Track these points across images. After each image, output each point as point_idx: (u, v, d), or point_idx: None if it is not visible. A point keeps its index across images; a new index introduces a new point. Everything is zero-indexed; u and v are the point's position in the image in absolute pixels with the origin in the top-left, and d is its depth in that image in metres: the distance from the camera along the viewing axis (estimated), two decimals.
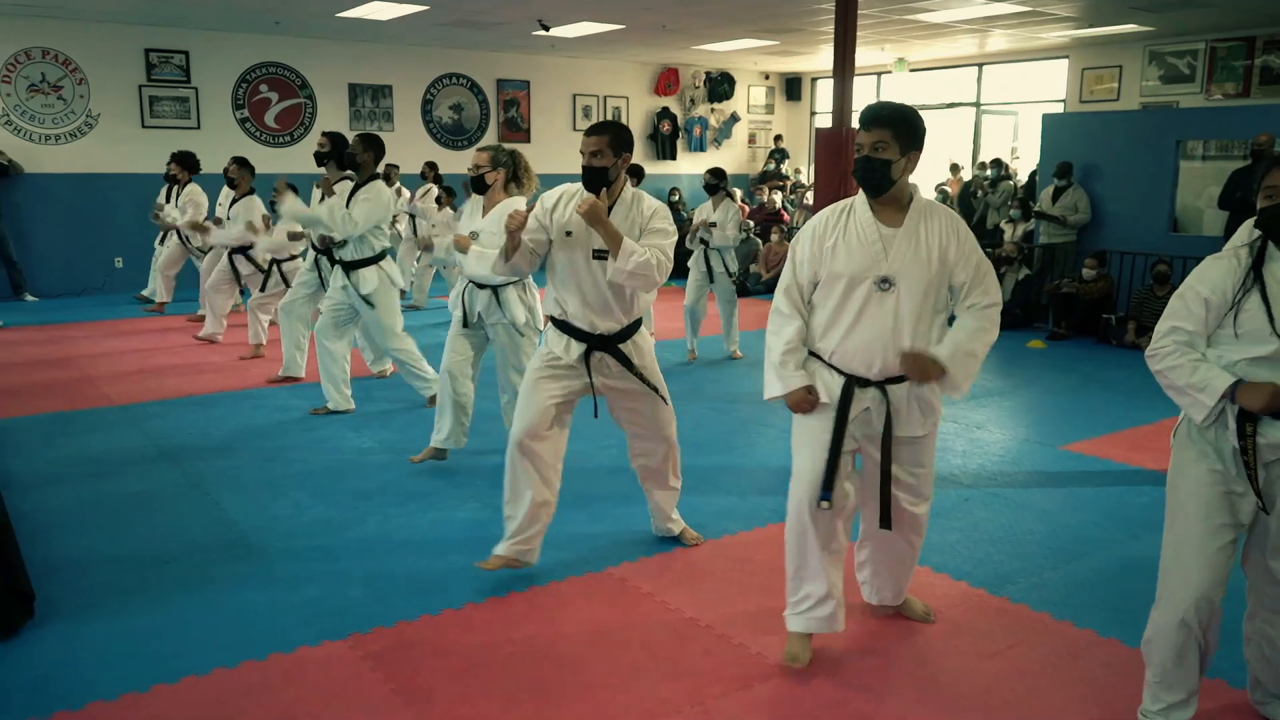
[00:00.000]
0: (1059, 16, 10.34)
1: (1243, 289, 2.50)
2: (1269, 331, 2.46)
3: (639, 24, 11.14)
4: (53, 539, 4.16)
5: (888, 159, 2.84)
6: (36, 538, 4.12)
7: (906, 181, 2.93)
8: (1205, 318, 2.54)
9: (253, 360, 7.80)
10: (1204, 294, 2.53)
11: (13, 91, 10.80)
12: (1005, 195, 11.70)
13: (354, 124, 12.85)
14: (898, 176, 2.88)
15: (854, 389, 2.99)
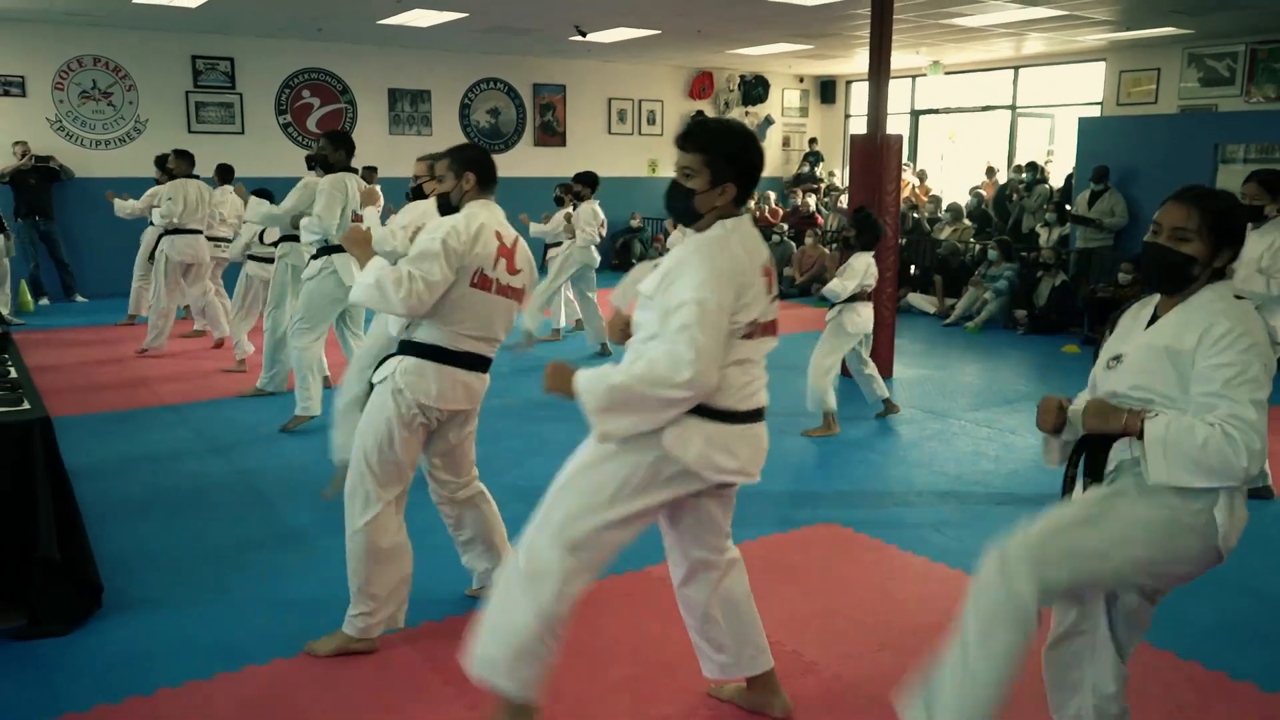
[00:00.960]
0: (1096, 20, 10.32)
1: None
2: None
3: (674, 29, 11.25)
4: (115, 532, 4.35)
5: (692, 189, 2.47)
6: (99, 531, 4.30)
7: (724, 214, 2.51)
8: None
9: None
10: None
11: (65, 98, 11.11)
12: (1040, 199, 11.68)
13: (393, 128, 13.07)
14: (704, 209, 2.49)
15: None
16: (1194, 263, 2.24)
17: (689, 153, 2.48)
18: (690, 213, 2.51)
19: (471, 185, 3.29)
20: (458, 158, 3.32)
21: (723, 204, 2.49)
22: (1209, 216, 2.24)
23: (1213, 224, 2.23)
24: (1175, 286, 2.27)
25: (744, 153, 2.51)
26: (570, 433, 5.94)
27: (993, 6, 9.47)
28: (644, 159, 15.28)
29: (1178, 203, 2.28)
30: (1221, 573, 4.02)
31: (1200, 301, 2.25)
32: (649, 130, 15.25)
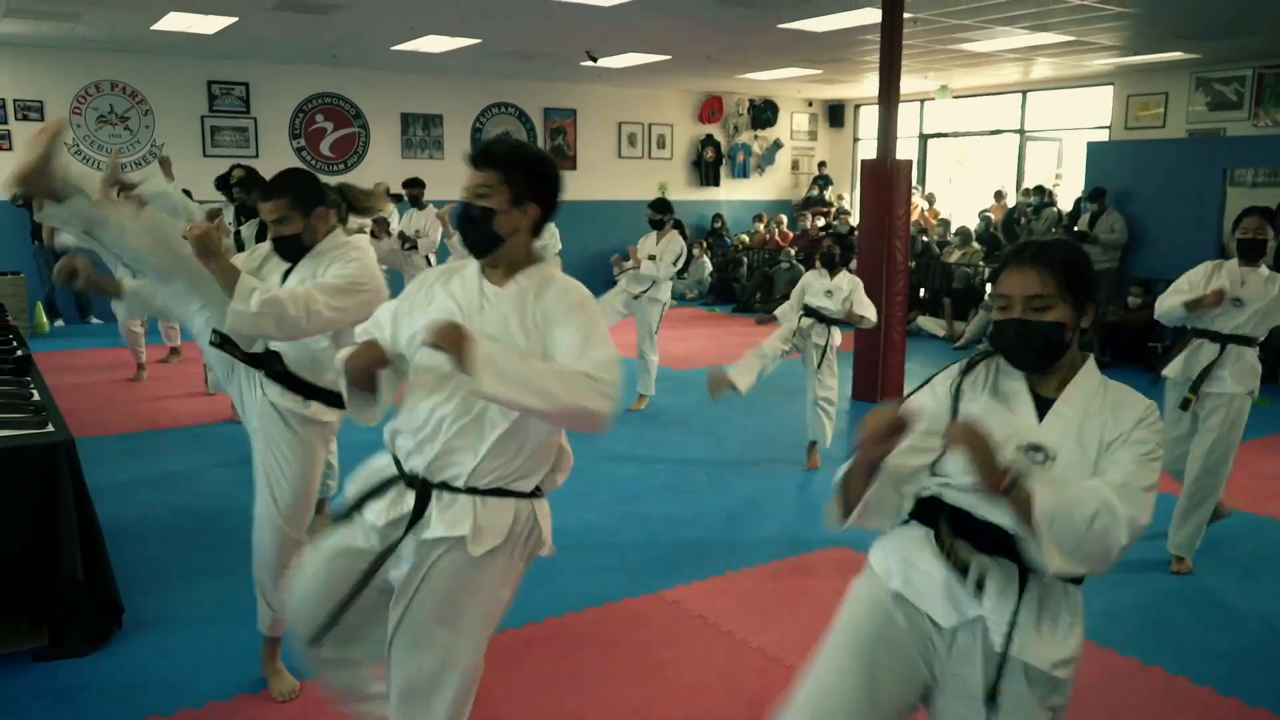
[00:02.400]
0: (1103, 45, 10.39)
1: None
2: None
3: (685, 55, 11.36)
4: (134, 552, 4.39)
5: (490, 208, 2.26)
6: (119, 552, 4.33)
7: (527, 241, 2.34)
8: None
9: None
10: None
11: (83, 122, 11.25)
12: (1049, 222, 11.72)
13: (405, 152, 13.19)
14: (506, 232, 2.28)
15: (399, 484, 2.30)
16: (1063, 329, 1.92)
17: (484, 170, 2.26)
18: (490, 236, 2.27)
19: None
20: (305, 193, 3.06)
21: (525, 226, 2.29)
22: (1062, 274, 1.92)
23: (1069, 281, 1.92)
24: (1049, 362, 1.95)
25: (545, 170, 2.33)
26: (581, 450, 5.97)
27: (1001, 32, 9.55)
28: (654, 182, 15.37)
29: (1022, 268, 1.94)
30: (1235, 599, 4.06)
31: (1092, 380, 1.98)
32: (659, 154, 15.35)
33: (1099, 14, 8.57)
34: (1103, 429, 1.91)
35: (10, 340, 5.13)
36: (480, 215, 2.26)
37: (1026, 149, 14.30)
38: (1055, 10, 8.41)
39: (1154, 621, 3.83)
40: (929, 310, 11.29)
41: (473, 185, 2.27)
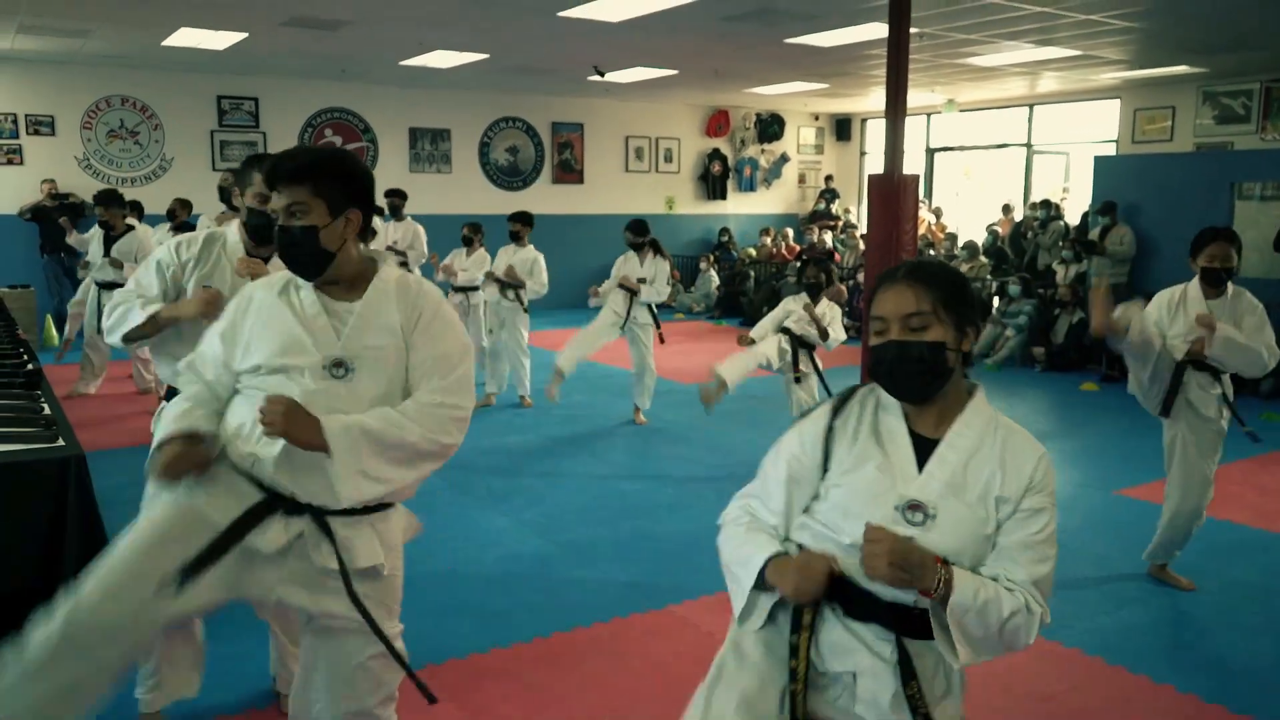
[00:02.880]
0: (1110, 59, 10.40)
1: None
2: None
3: (692, 69, 11.40)
4: None
5: (311, 225, 2.11)
6: None
7: (358, 248, 2.22)
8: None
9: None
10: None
11: (93, 137, 11.33)
12: (1055, 236, 11.72)
13: (413, 166, 13.25)
14: (334, 245, 2.14)
15: (277, 509, 2.15)
16: (943, 350, 1.75)
17: (290, 187, 2.12)
18: (320, 255, 2.13)
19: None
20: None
21: (351, 234, 2.18)
22: (939, 293, 1.78)
23: (946, 300, 1.77)
24: (931, 388, 1.78)
25: (353, 171, 2.21)
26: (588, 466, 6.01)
27: (1007, 47, 9.57)
28: (661, 196, 15.41)
29: (896, 287, 1.79)
30: (1245, 615, 4.03)
31: (980, 418, 1.82)
32: (666, 168, 15.39)
33: (1105, 28, 8.58)
34: (989, 479, 1.75)
35: (20, 354, 5.14)
36: (302, 235, 2.11)
37: (1033, 163, 14.30)
38: (1061, 25, 8.43)
39: (1163, 638, 3.81)
40: None
41: (283, 206, 2.12)
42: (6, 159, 10.97)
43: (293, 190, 2.12)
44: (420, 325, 2.19)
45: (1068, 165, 14.37)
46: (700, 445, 6.67)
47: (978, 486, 1.76)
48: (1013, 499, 1.76)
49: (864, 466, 1.79)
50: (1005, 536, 1.76)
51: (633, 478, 5.87)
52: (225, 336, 2.22)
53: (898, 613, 1.74)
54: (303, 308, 2.18)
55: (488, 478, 5.82)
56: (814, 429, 1.87)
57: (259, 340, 2.16)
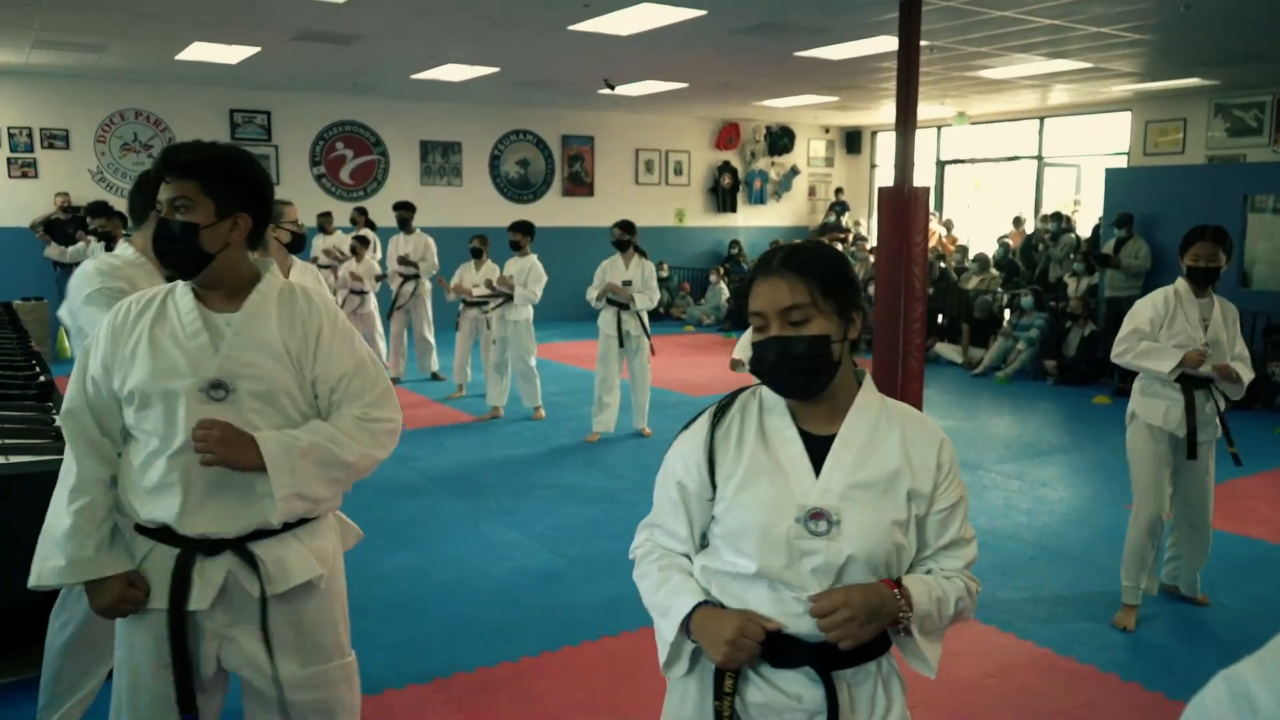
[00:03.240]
0: (1121, 72, 10.39)
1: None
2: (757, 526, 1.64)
3: (702, 83, 11.43)
4: None
5: (192, 222, 1.98)
6: None
7: (243, 255, 2.08)
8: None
9: None
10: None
11: (107, 150, 11.41)
12: (1067, 248, 11.68)
13: (424, 179, 13.30)
14: (214, 248, 2.01)
15: (195, 559, 2.00)
16: (828, 343, 1.63)
17: (180, 180, 1.99)
18: (195, 254, 2.00)
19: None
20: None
21: (237, 240, 2.03)
22: (817, 281, 1.64)
23: (825, 287, 1.64)
24: (820, 384, 1.65)
25: (251, 175, 2.07)
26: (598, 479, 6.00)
27: (1018, 59, 9.56)
28: (671, 209, 15.43)
29: (770, 279, 1.65)
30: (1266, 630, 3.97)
31: (871, 407, 1.70)
32: (676, 180, 15.41)
33: (1116, 41, 8.57)
34: (895, 473, 1.64)
35: (33, 365, 5.17)
36: (181, 231, 1.98)
37: (1044, 175, 14.27)
38: (1072, 37, 8.42)
39: (1178, 655, 3.77)
40: (947, 337, 11.24)
41: (168, 198, 2.00)
42: (21, 172, 11.05)
43: (181, 184, 1.99)
44: (321, 346, 2.07)
45: (1079, 177, 14.34)
46: None
47: (881, 481, 1.64)
48: (925, 493, 1.66)
49: (756, 482, 1.65)
50: (931, 537, 1.68)
51: (642, 490, 5.82)
52: (106, 364, 2.02)
53: (825, 652, 1.61)
54: (179, 320, 2.03)
55: (497, 491, 5.82)
56: (694, 444, 1.72)
57: (133, 362, 1.99)
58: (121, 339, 2.01)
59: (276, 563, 2.04)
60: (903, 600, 1.59)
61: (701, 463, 1.69)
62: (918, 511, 1.66)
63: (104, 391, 2.02)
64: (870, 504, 1.62)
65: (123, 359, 2.00)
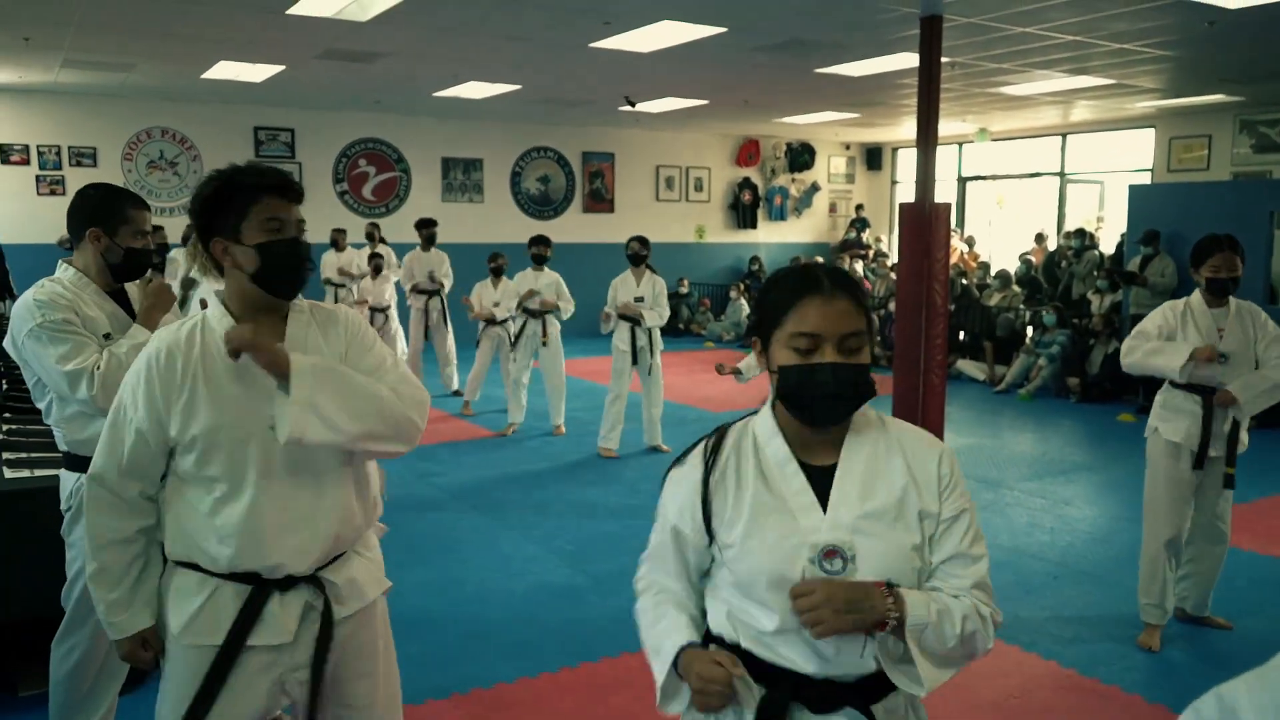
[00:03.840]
0: (1144, 88, 10.33)
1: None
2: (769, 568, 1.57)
3: (722, 100, 11.46)
4: None
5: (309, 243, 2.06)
6: None
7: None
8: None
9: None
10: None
11: (134, 168, 11.55)
12: (1090, 265, 11.60)
13: (446, 196, 13.39)
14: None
15: (271, 594, 2.00)
16: (869, 371, 1.61)
17: (296, 204, 2.06)
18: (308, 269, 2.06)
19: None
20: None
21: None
22: (864, 306, 1.62)
23: (868, 313, 1.63)
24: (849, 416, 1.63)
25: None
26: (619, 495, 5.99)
27: (1040, 75, 9.52)
28: (691, 225, 15.45)
29: (831, 299, 1.57)
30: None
31: (870, 428, 1.65)
32: (696, 197, 15.44)
33: (1139, 57, 8.53)
34: (903, 495, 1.59)
35: None
36: (307, 253, 2.02)
37: (1067, 191, 14.20)
38: (1094, 54, 8.38)
39: (1204, 676, 3.70)
40: (969, 354, 11.17)
41: (297, 220, 2.00)
42: (50, 190, 11.20)
43: (296, 207, 2.03)
44: (360, 351, 2.10)
45: (1102, 194, 14.25)
46: None
47: (891, 507, 1.58)
48: (934, 512, 1.60)
49: (764, 525, 1.57)
50: (936, 553, 1.61)
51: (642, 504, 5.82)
52: (157, 416, 1.93)
53: (865, 688, 1.57)
54: (235, 365, 1.95)
55: (517, 506, 5.82)
56: (688, 489, 1.64)
57: (194, 410, 1.93)
58: (173, 387, 1.93)
59: (349, 584, 2.08)
60: (891, 600, 1.51)
61: (696, 509, 1.62)
62: (930, 532, 1.61)
63: (152, 444, 1.94)
64: (883, 533, 1.57)
65: (180, 407, 1.92)
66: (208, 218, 1.97)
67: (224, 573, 1.97)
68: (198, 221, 1.99)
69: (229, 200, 1.96)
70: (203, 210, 1.98)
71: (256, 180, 1.97)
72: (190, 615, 1.98)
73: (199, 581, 1.99)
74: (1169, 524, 3.98)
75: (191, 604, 1.98)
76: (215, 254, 1.98)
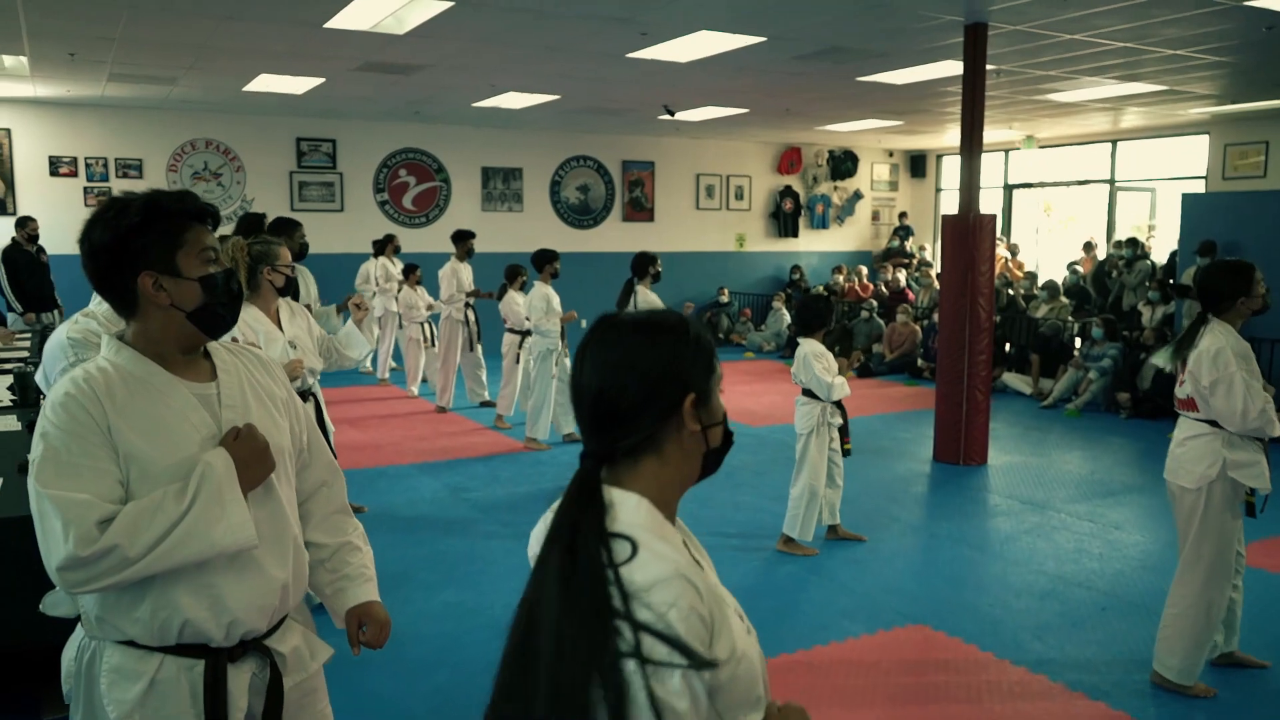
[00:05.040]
0: (1198, 94, 10.04)
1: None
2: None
3: (763, 108, 11.33)
4: None
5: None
6: None
7: None
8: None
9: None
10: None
11: (179, 179, 11.68)
12: (1142, 275, 11.30)
13: (485, 205, 13.39)
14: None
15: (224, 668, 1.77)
16: None
17: (212, 230, 1.90)
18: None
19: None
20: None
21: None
22: None
23: None
24: None
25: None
26: None
27: (1089, 83, 9.28)
28: (731, 234, 15.33)
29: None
30: None
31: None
32: (737, 205, 15.31)
33: (1194, 64, 8.27)
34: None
35: None
36: (239, 287, 1.88)
37: (1117, 199, 13.86)
38: (1146, 60, 8.14)
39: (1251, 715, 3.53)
40: (1015, 366, 10.92)
41: (216, 248, 1.83)
42: (97, 201, 11.36)
43: (212, 234, 1.88)
44: (287, 397, 2.01)
45: (1153, 201, 13.89)
46: (765, 493, 6.45)
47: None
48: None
49: (728, 619, 1.26)
50: None
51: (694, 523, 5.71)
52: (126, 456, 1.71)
53: None
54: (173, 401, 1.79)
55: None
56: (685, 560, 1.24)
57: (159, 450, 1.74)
58: (101, 425, 1.69)
59: (295, 653, 1.91)
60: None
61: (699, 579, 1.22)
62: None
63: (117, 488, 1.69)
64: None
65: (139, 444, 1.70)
66: (134, 249, 1.73)
67: (169, 645, 1.73)
68: (117, 253, 1.73)
69: (158, 229, 1.75)
70: (127, 240, 1.72)
71: (182, 207, 1.79)
72: (132, 704, 1.72)
73: (137, 659, 1.73)
74: (1227, 583, 3.67)
75: (132, 690, 1.72)
76: (143, 289, 1.73)
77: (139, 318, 1.79)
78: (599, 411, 1.30)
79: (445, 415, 9.09)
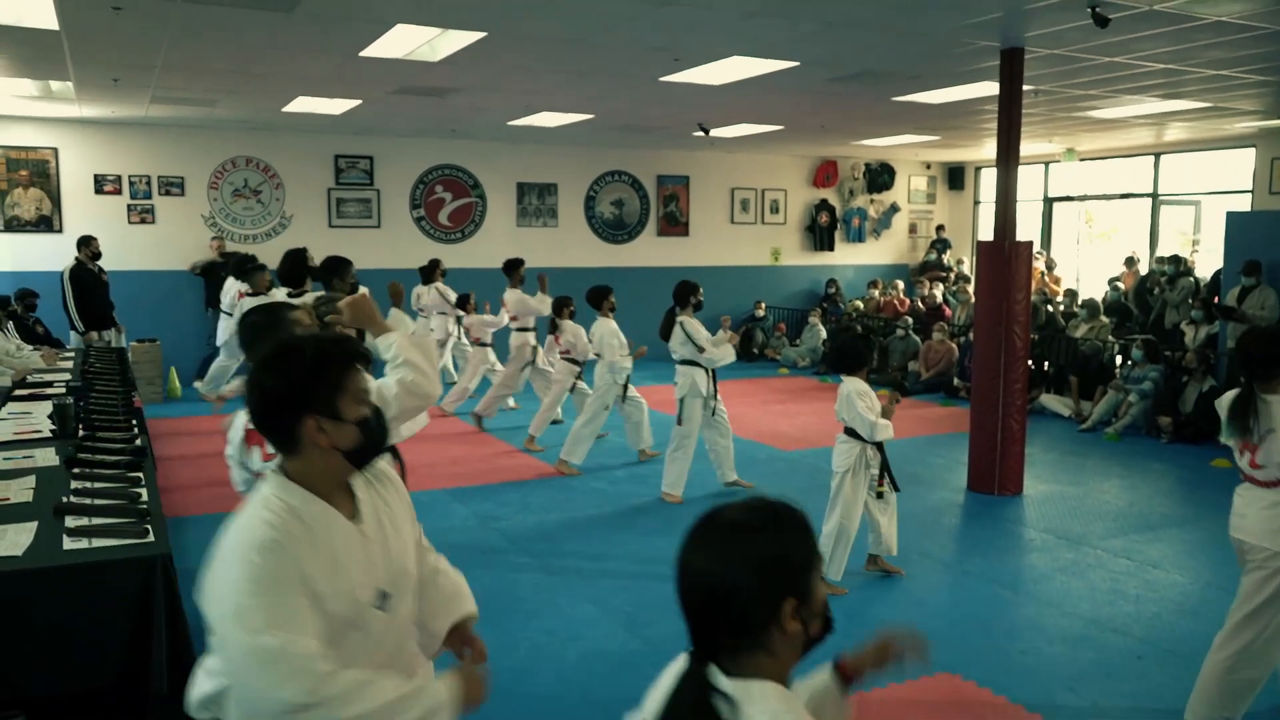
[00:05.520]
0: (1244, 110, 9.84)
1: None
2: None
3: (798, 125, 11.28)
4: None
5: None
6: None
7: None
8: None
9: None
10: None
11: (219, 196, 11.86)
12: (1185, 293, 11.08)
13: (520, 221, 13.45)
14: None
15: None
16: None
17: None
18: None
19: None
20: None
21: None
22: None
23: None
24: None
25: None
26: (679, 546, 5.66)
27: (1130, 100, 9.13)
28: (767, 248, 15.26)
29: None
30: None
31: None
32: (772, 219, 15.24)
33: (1239, 82, 8.11)
34: None
35: (132, 426, 5.29)
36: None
37: (1160, 213, 13.62)
38: (1189, 80, 7.99)
39: None
40: (1054, 387, 10.75)
41: (365, 388, 1.94)
42: (140, 218, 11.57)
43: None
44: (405, 505, 2.13)
45: (1198, 216, 13.63)
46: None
47: None
48: None
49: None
50: None
51: None
52: (316, 596, 1.77)
53: None
54: (343, 540, 1.87)
55: (578, 556, 5.75)
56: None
57: (341, 585, 1.83)
58: (302, 569, 1.76)
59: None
60: None
61: None
62: None
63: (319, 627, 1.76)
64: None
65: (327, 585, 1.78)
66: (302, 395, 1.81)
67: None
68: (286, 398, 1.81)
69: (326, 376, 1.83)
70: (296, 386, 1.81)
71: (341, 350, 1.88)
72: None
73: None
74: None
75: None
76: (307, 432, 1.81)
77: (300, 456, 1.87)
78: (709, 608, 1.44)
79: (479, 435, 9.13)
